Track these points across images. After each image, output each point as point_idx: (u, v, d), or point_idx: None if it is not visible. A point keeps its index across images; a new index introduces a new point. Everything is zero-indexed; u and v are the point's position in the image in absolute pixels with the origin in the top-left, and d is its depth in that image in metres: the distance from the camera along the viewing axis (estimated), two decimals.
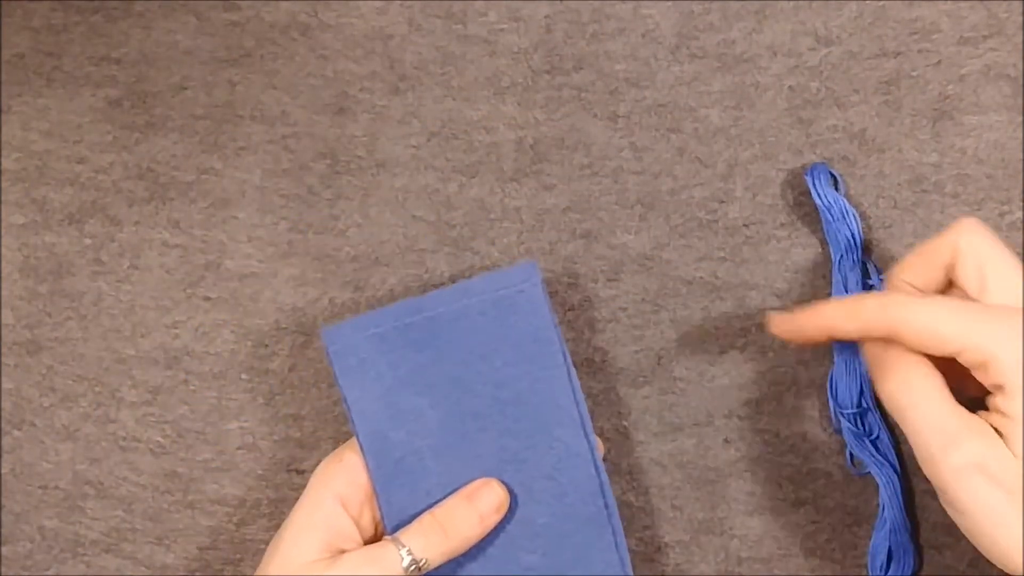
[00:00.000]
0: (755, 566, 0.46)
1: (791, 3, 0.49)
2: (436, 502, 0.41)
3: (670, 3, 0.50)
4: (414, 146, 0.50)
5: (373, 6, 0.51)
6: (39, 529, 0.49)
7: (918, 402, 0.37)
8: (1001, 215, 0.47)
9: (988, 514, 0.35)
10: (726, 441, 0.47)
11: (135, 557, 0.48)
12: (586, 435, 0.41)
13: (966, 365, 0.37)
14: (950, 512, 0.37)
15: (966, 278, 0.39)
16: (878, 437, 0.45)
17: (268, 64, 0.51)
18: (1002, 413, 0.36)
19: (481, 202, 0.49)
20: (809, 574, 0.46)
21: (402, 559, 0.38)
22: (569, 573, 0.41)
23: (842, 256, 0.46)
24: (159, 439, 0.49)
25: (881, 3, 0.49)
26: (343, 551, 0.39)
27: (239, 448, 0.49)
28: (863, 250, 0.47)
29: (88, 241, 0.50)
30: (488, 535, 0.41)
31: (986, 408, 0.37)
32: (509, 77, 0.50)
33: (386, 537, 0.40)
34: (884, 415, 0.46)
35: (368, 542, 0.41)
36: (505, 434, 0.41)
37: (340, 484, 0.41)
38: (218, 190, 0.50)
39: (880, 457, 0.45)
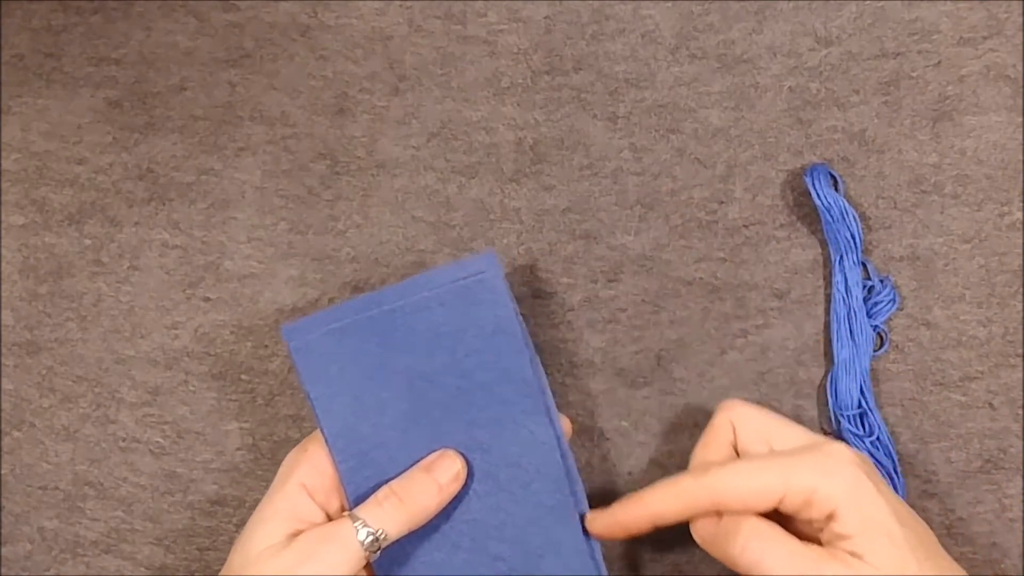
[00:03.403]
0: None
1: (791, 4, 0.49)
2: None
3: (670, 4, 0.50)
4: (414, 147, 0.50)
5: (373, 7, 0.51)
6: (39, 530, 0.49)
7: (766, 552, 0.38)
8: (1001, 215, 0.47)
9: None
10: None
11: (135, 558, 0.48)
12: (551, 422, 0.41)
13: (790, 511, 0.38)
14: None
15: (751, 444, 0.41)
16: (878, 437, 0.45)
17: (268, 65, 0.51)
18: (842, 536, 0.37)
19: (481, 203, 0.49)
20: None
21: (357, 532, 0.38)
22: (537, 561, 0.41)
23: (842, 256, 0.46)
24: (159, 440, 0.49)
25: (881, 4, 0.49)
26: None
27: (239, 449, 0.49)
28: (863, 250, 0.47)
29: (88, 242, 0.50)
30: (457, 525, 0.41)
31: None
32: (509, 78, 0.50)
33: (344, 514, 0.40)
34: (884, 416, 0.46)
35: None
36: (470, 424, 0.41)
37: (304, 473, 0.41)
38: (218, 191, 0.50)
39: (880, 457, 0.45)
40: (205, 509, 0.48)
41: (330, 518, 0.41)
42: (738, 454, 0.41)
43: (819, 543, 0.38)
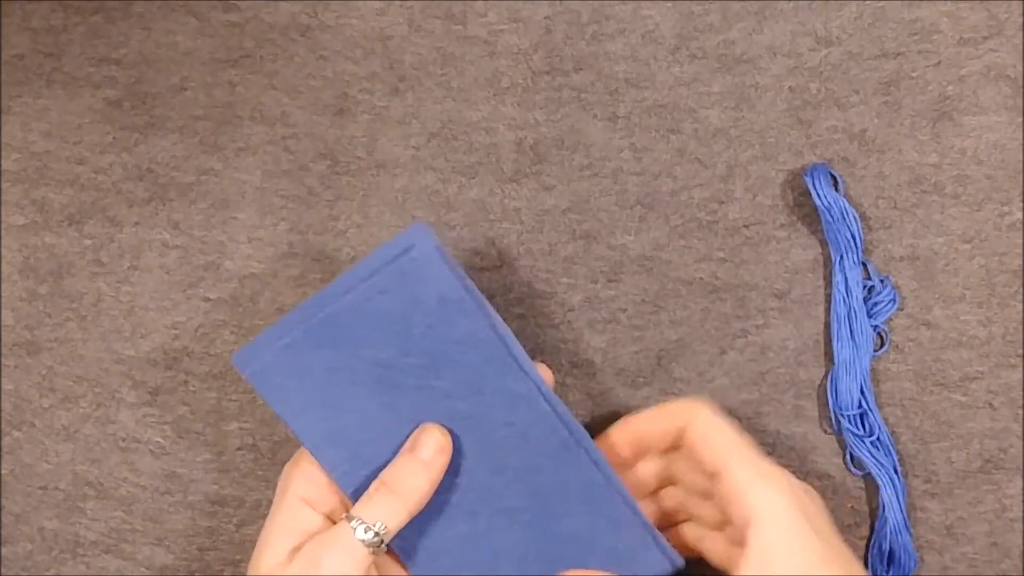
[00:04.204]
0: None
1: (791, 4, 0.49)
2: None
3: (670, 4, 0.50)
4: (414, 147, 0.50)
5: (373, 7, 0.51)
6: (39, 530, 0.49)
7: None
8: (1001, 215, 0.47)
9: None
10: None
11: (135, 558, 0.48)
12: (526, 373, 0.41)
13: (723, 497, 0.39)
14: None
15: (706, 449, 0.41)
16: (878, 438, 0.45)
17: (268, 65, 0.51)
18: (754, 558, 0.37)
19: (481, 203, 0.49)
20: None
21: (355, 531, 0.38)
22: (555, 504, 0.41)
23: (842, 256, 0.46)
24: (159, 440, 0.49)
25: (881, 4, 0.49)
26: None
27: (239, 449, 0.49)
28: (863, 250, 0.47)
29: (88, 242, 0.50)
30: (468, 495, 0.41)
31: None
32: (509, 78, 0.50)
33: (343, 518, 0.40)
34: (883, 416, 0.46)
35: None
36: (448, 397, 0.41)
37: (299, 486, 0.41)
38: (218, 191, 0.50)
39: (880, 457, 0.45)
40: (205, 509, 0.48)
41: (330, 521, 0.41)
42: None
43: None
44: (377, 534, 0.39)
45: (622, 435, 0.43)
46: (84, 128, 0.52)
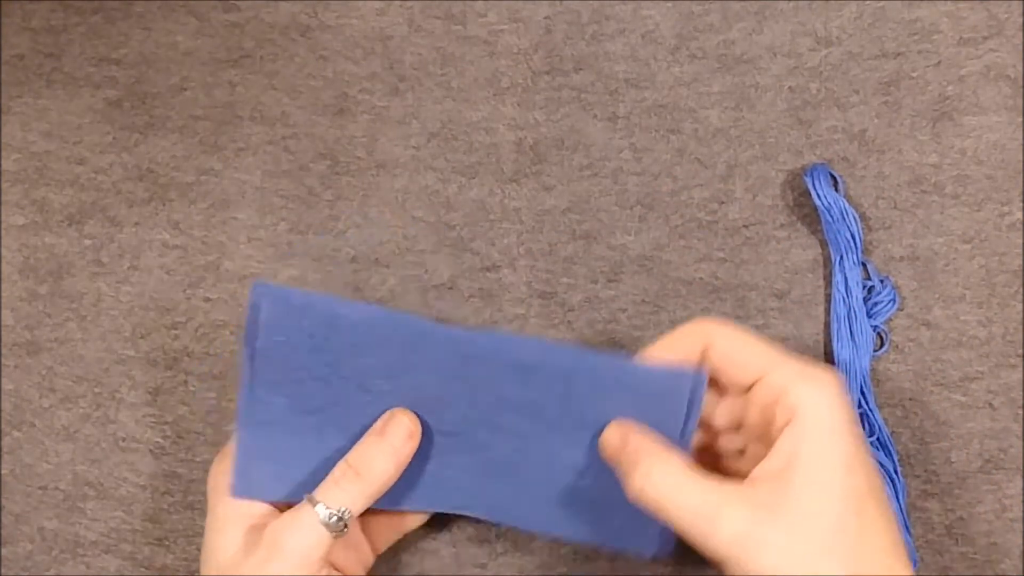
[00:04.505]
0: None
1: (791, 4, 0.49)
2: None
3: (670, 4, 0.50)
4: (414, 147, 0.50)
5: (373, 7, 0.51)
6: (39, 530, 0.49)
7: (669, 489, 0.37)
8: (1001, 215, 0.47)
9: (774, 571, 0.35)
10: None
11: (135, 558, 0.48)
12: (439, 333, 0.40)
13: (759, 401, 0.38)
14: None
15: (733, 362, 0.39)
16: (878, 438, 0.45)
17: (268, 65, 0.51)
18: (788, 452, 0.36)
19: (481, 203, 0.49)
20: None
21: (319, 514, 0.38)
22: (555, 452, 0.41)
23: (842, 256, 0.46)
24: (159, 440, 0.49)
25: (881, 4, 0.49)
26: (264, 526, 0.39)
27: None
28: (863, 250, 0.47)
29: (88, 242, 0.50)
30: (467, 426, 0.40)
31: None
32: (509, 78, 0.50)
33: (304, 497, 0.39)
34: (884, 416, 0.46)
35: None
36: (394, 396, 0.41)
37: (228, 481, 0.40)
38: (218, 191, 0.50)
39: (880, 457, 0.45)
40: (205, 509, 0.48)
41: (279, 509, 0.40)
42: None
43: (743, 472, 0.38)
44: (340, 518, 0.38)
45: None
46: (84, 128, 0.52)
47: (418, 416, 0.41)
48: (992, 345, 0.47)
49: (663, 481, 0.37)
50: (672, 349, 0.40)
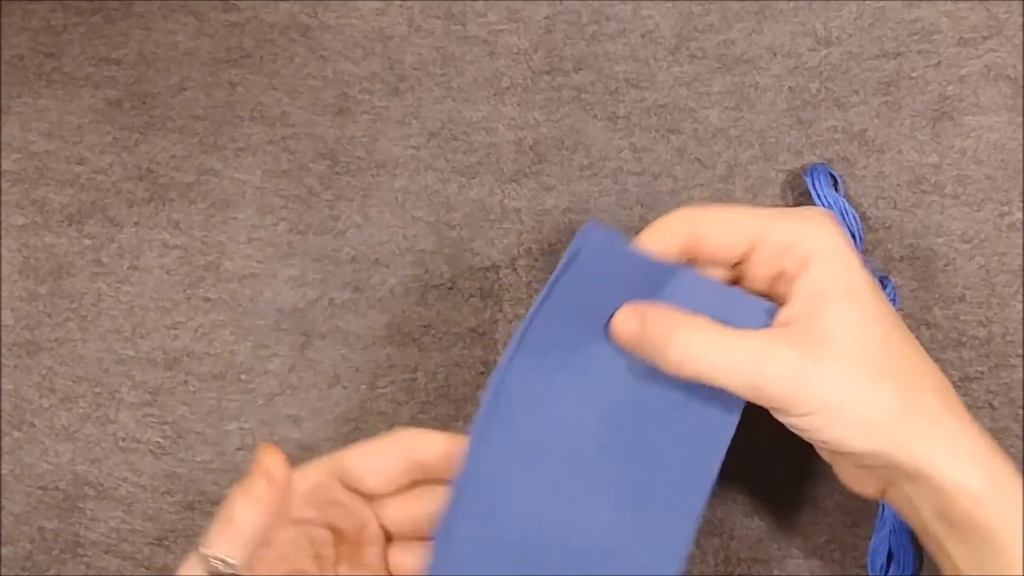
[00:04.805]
0: (755, 567, 0.46)
1: (791, 4, 0.49)
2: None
3: (670, 4, 0.50)
4: (414, 147, 0.50)
5: (373, 7, 0.51)
6: (39, 530, 0.49)
7: (710, 352, 0.36)
8: (1001, 215, 0.47)
9: (826, 407, 0.35)
10: None
11: (135, 558, 0.48)
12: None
13: (766, 259, 0.37)
14: (794, 422, 0.36)
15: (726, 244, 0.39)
16: None
17: (268, 65, 0.51)
18: (810, 293, 0.36)
19: (481, 203, 0.49)
20: (809, 574, 0.46)
21: (202, 561, 0.36)
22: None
23: None
24: (159, 440, 0.49)
25: (881, 4, 0.49)
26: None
27: (239, 449, 0.49)
28: (863, 250, 0.47)
29: (88, 242, 0.50)
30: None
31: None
32: (509, 78, 0.50)
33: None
34: None
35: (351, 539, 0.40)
36: (651, 423, 0.38)
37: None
38: (218, 191, 0.50)
39: None
40: (205, 509, 0.48)
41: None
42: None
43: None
44: (226, 563, 0.36)
45: None
46: (84, 128, 0.52)
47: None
48: (992, 345, 0.47)
49: (701, 346, 0.36)
50: (658, 241, 0.39)
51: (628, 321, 0.38)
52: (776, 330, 0.37)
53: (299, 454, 0.48)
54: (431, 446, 0.38)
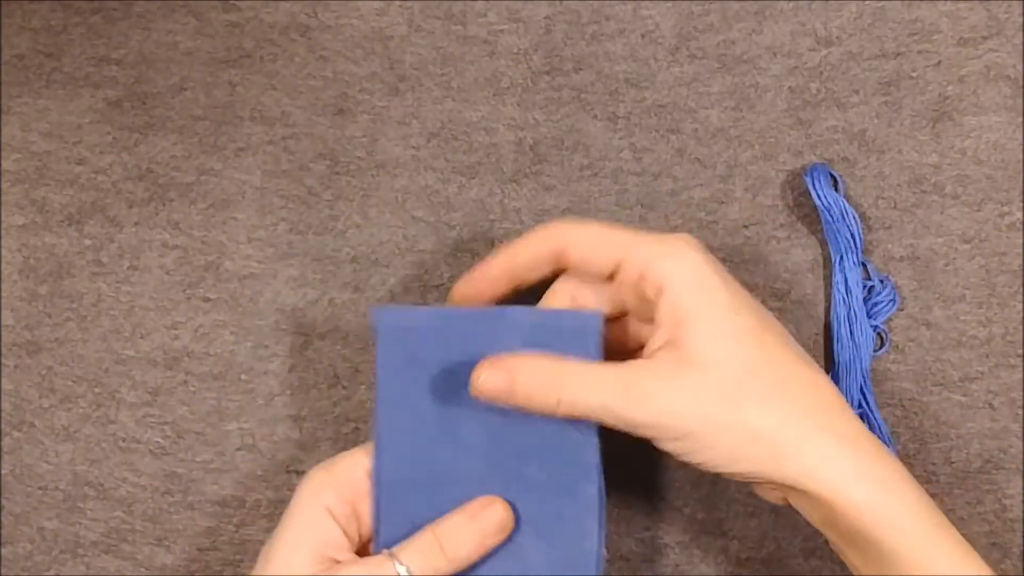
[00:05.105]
0: (755, 567, 0.46)
1: (791, 4, 0.49)
2: (434, 517, 0.39)
3: (670, 4, 0.50)
4: (414, 147, 0.50)
5: (373, 7, 0.51)
6: (39, 530, 0.49)
7: (584, 394, 0.37)
8: (1001, 215, 0.47)
9: (696, 430, 0.36)
10: None
11: (135, 558, 0.48)
12: (600, 490, 0.40)
13: (626, 283, 0.38)
14: (670, 447, 0.37)
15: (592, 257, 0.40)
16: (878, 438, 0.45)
17: (268, 65, 0.51)
18: (671, 320, 0.37)
19: (481, 203, 0.49)
20: (809, 574, 0.46)
21: (399, 574, 0.37)
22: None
23: (842, 256, 0.46)
24: (159, 440, 0.49)
25: (881, 4, 0.49)
26: (337, 561, 0.39)
27: (239, 449, 0.49)
28: (863, 250, 0.47)
29: (88, 242, 0.50)
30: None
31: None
32: (509, 78, 0.50)
33: (384, 551, 0.39)
34: (884, 416, 0.46)
35: (357, 551, 0.40)
36: (519, 471, 0.40)
37: (329, 496, 0.39)
38: (218, 191, 0.50)
39: None
40: (205, 509, 0.48)
41: (348, 538, 0.40)
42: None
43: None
44: None
45: (495, 268, 0.41)
46: (84, 128, 0.52)
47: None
48: (992, 345, 0.47)
49: (575, 391, 0.37)
50: (525, 253, 0.40)
51: (493, 378, 0.38)
52: (642, 362, 0.38)
53: (299, 454, 0.48)
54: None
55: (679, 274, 0.37)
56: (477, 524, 0.39)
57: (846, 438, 0.37)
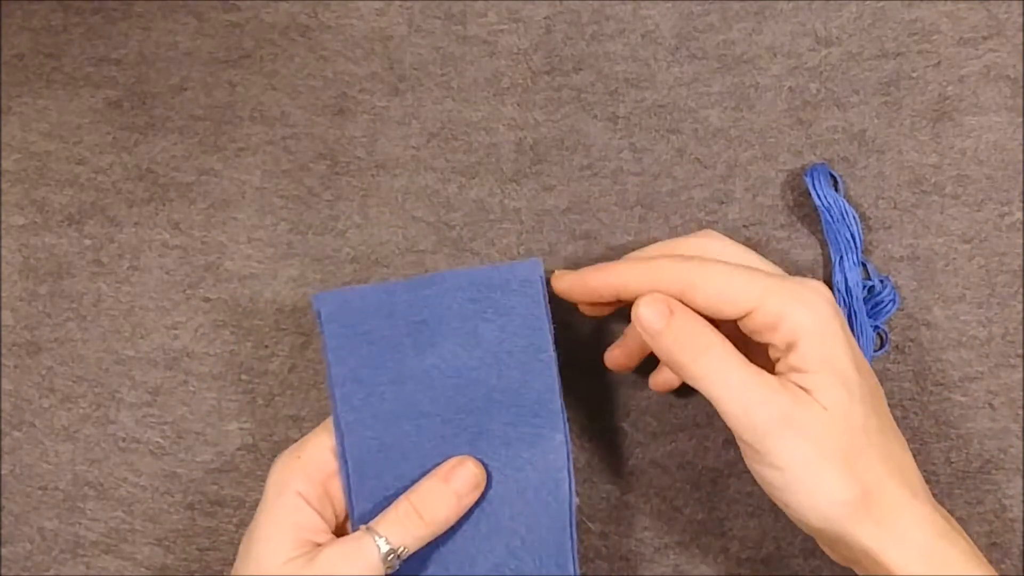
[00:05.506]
0: (755, 567, 0.46)
1: (791, 4, 0.49)
2: (406, 486, 0.40)
3: (670, 4, 0.50)
4: (414, 147, 0.50)
5: (373, 7, 0.51)
6: (39, 530, 0.49)
7: (719, 370, 0.38)
8: (1001, 215, 0.47)
9: (799, 466, 0.37)
10: (726, 441, 0.47)
11: (135, 558, 0.48)
12: (565, 436, 0.41)
13: (753, 328, 0.38)
14: (765, 472, 0.38)
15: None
16: None
17: (268, 65, 0.51)
18: (798, 370, 0.37)
19: (481, 203, 0.49)
20: (809, 574, 0.46)
21: (380, 549, 0.38)
22: (520, 557, 0.41)
23: (842, 257, 0.46)
24: (159, 440, 0.49)
25: (881, 4, 0.49)
26: (317, 544, 0.39)
27: (239, 449, 0.49)
28: (863, 250, 0.47)
29: (88, 242, 0.50)
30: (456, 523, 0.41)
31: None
32: (509, 78, 0.50)
33: (361, 528, 0.39)
34: None
35: (335, 531, 0.41)
36: (484, 429, 0.41)
37: (299, 482, 0.40)
38: (218, 191, 0.50)
39: None
40: (205, 509, 0.48)
41: (325, 521, 0.40)
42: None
43: (771, 369, 0.38)
44: (398, 556, 0.38)
45: (604, 280, 0.41)
46: (84, 128, 0.52)
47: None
48: (992, 345, 0.47)
49: (716, 361, 0.38)
50: (644, 281, 0.40)
51: (655, 306, 0.39)
52: (776, 387, 0.37)
53: None
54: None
55: (812, 330, 0.38)
56: (451, 485, 0.39)
57: (923, 515, 0.38)
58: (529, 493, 0.41)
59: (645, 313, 0.39)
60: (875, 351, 0.47)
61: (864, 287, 0.47)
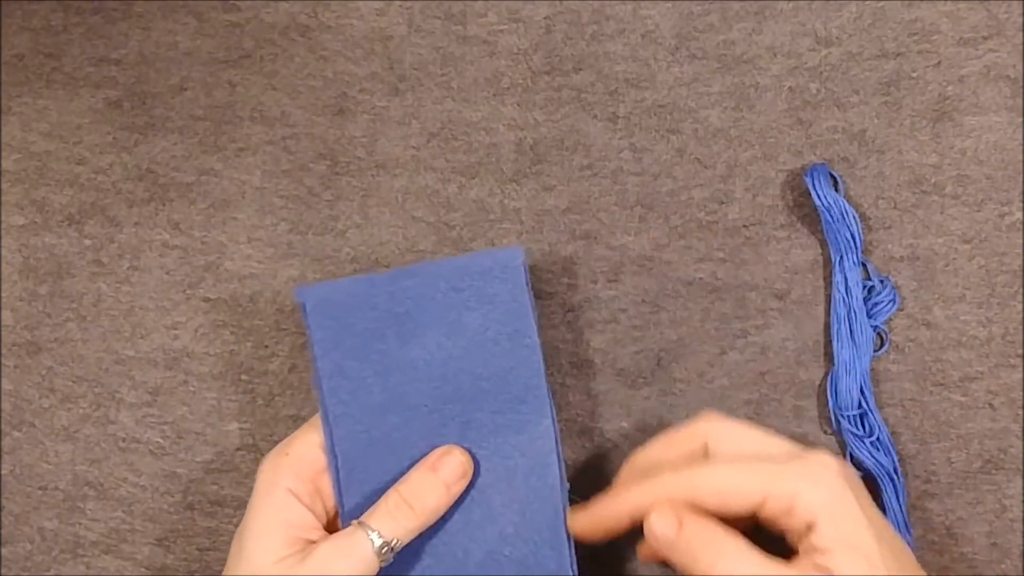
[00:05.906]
0: None
1: (791, 4, 0.49)
2: (395, 479, 0.40)
3: (670, 4, 0.50)
4: (414, 147, 0.50)
5: (373, 7, 0.51)
6: (39, 530, 0.49)
7: (736, 570, 0.37)
8: (1001, 216, 0.47)
9: None
10: None
11: (135, 558, 0.48)
12: (552, 420, 0.41)
13: (769, 516, 0.38)
14: None
15: (729, 452, 0.40)
16: (878, 438, 0.45)
17: (268, 65, 0.51)
18: (819, 550, 0.37)
19: (481, 203, 0.49)
20: None
21: (373, 543, 0.38)
22: (520, 560, 0.41)
23: (842, 257, 0.46)
24: (159, 440, 0.49)
25: (881, 4, 0.49)
26: (310, 541, 0.39)
27: (239, 449, 0.49)
28: (863, 250, 0.47)
29: (88, 242, 0.50)
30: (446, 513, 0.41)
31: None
32: (509, 78, 0.50)
33: (353, 523, 0.39)
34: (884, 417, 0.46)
35: (326, 526, 0.41)
36: (471, 419, 0.41)
37: (289, 479, 0.40)
38: (218, 191, 0.50)
39: (880, 458, 0.45)
40: (205, 509, 0.48)
41: (316, 517, 0.40)
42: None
43: (790, 548, 0.38)
44: (391, 549, 0.38)
45: (615, 509, 0.41)
46: (84, 128, 0.52)
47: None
48: (992, 345, 0.47)
49: (729, 558, 0.37)
50: (649, 497, 0.39)
51: (664, 523, 0.38)
52: (803, 565, 0.37)
53: None
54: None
55: (827, 508, 0.37)
56: (439, 475, 0.40)
57: None
58: (519, 479, 0.41)
59: (656, 525, 0.38)
60: (875, 351, 0.47)
61: (864, 287, 0.47)
